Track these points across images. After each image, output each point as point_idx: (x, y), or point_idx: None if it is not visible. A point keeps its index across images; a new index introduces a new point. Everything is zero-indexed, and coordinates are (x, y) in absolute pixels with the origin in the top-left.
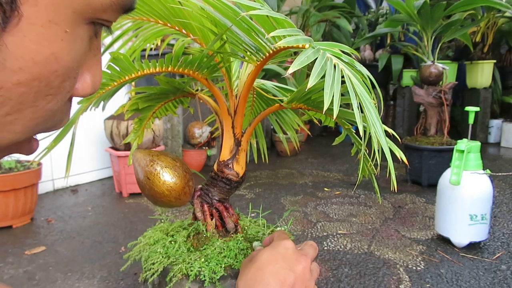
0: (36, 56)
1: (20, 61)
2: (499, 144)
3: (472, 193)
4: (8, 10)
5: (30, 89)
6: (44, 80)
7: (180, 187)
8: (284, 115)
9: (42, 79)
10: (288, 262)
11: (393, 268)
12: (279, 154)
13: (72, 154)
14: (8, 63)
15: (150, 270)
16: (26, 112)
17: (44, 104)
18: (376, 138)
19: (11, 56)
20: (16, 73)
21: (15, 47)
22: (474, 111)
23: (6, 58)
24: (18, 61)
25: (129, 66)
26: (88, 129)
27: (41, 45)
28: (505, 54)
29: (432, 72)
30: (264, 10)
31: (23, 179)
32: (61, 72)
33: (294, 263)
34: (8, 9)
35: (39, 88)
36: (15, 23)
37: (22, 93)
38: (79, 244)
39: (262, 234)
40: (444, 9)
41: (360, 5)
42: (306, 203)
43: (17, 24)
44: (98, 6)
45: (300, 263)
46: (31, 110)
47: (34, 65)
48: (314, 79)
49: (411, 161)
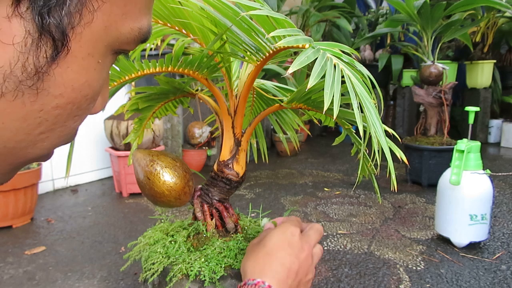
0: (74, 83)
1: (62, 88)
2: (499, 144)
3: (472, 193)
4: (60, 46)
5: (64, 111)
6: (76, 103)
7: (180, 187)
8: (284, 115)
9: (75, 103)
10: (294, 249)
11: (393, 268)
12: (279, 154)
13: (72, 154)
14: (51, 89)
15: (150, 270)
16: (56, 131)
17: (71, 124)
18: (376, 138)
19: (55, 84)
20: (57, 98)
21: (59, 76)
22: (474, 111)
23: (51, 86)
24: (60, 88)
25: (129, 66)
26: (88, 129)
27: (80, 74)
28: (505, 54)
29: (432, 72)
30: (264, 10)
31: (23, 179)
32: (90, 96)
33: (299, 250)
34: (59, 45)
35: (72, 110)
36: (63, 56)
37: (57, 115)
38: (79, 244)
39: None
40: (444, 9)
41: (360, 5)
42: (306, 203)
43: (65, 57)
44: (124, 40)
45: (304, 250)
46: (60, 130)
47: (72, 91)
48: (314, 79)
49: (411, 161)
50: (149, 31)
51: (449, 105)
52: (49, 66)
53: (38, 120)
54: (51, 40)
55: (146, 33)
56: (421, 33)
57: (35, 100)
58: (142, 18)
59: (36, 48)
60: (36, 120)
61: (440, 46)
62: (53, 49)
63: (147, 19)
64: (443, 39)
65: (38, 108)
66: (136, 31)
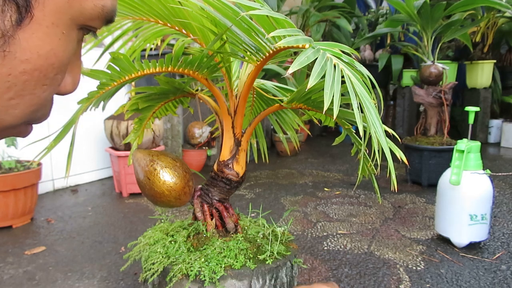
0: (40, 50)
1: (27, 53)
2: (499, 144)
3: (472, 193)
4: (23, 12)
5: (32, 78)
6: (43, 71)
7: (180, 187)
8: (284, 115)
9: (42, 70)
10: None
11: (393, 268)
12: (279, 154)
13: (72, 154)
14: (18, 54)
15: (150, 270)
16: (26, 98)
17: (40, 93)
18: (376, 138)
19: (21, 48)
20: (23, 63)
21: (25, 41)
22: (474, 111)
23: (17, 50)
24: (26, 53)
25: (129, 66)
26: (88, 129)
27: (44, 42)
28: (505, 54)
29: (432, 72)
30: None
31: (23, 179)
32: (57, 65)
33: None
34: (23, 11)
35: (39, 77)
36: (27, 22)
37: (25, 81)
38: (79, 244)
39: (262, 234)
40: (444, 9)
41: (360, 5)
42: (306, 203)
43: (29, 23)
44: (88, 15)
45: None
46: (30, 97)
47: (38, 57)
48: (314, 79)
49: (411, 161)
50: (113, 10)
51: (449, 105)
52: (14, 30)
53: (7, 85)
54: (15, 5)
55: (109, 11)
56: (421, 33)
57: (3, 63)
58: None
59: (1, 12)
60: (5, 84)
61: (440, 46)
62: (18, 14)
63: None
64: (443, 39)
65: (6, 72)
66: (99, 7)
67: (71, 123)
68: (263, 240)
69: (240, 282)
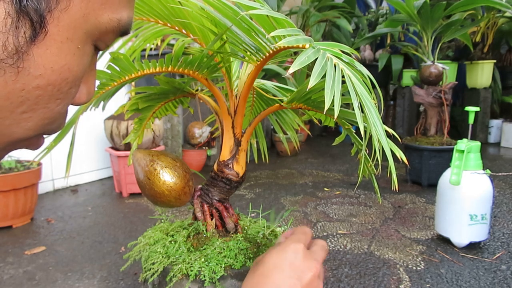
0: (54, 65)
1: (41, 68)
2: (499, 144)
3: (472, 193)
4: (38, 28)
5: (45, 92)
6: (57, 86)
7: (180, 187)
8: (284, 115)
9: (55, 85)
10: (296, 270)
11: (393, 268)
12: (279, 154)
13: (72, 154)
14: (32, 70)
15: (150, 270)
16: (39, 112)
17: (54, 107)
18: (377, 138)
19: (35, 64)
20: (37, 79)
21: (39, 57)
22: (474, 111)
23: (31, 66)
24: (39, 68)
25: (129, 66)
26: (88, 129)
27: (59, 57)
28: (505, 54)
29: (432, 72)
30: (264, 10)
31: (23, 179)
32: (71, 79)
33: (303, 271)
34: (38, 27)
35: (52, 92)
36: (41, 38)
37: (38, 95)
38: (79, 244)
39: (262, 234)
40: (444, 9)
41: (360, 5)
42: (306, 203)
43: (43, 39)
44: (104, 29)
45: (310, 270)
46: (43, 111)
47: (51, 72)
48: (315, 79)
49: (411, 161)
50: (128, 23)
51: (449, 105)
52: (28, 46)
53: (20, 99)
54: (29, 22)
55: (125, 25)
56: (421, 33)
57: (16, 79)
58: (122, 10)
59: (16, 28)
60: (18, 99)
61: (440, 46)
62: (32, 30)
63: (127, 11)
64: (443, 39)
65: (20, 87)
66: (115, 22)
67: (71, 123)
68: (263, 240)
69: (240, 282)
